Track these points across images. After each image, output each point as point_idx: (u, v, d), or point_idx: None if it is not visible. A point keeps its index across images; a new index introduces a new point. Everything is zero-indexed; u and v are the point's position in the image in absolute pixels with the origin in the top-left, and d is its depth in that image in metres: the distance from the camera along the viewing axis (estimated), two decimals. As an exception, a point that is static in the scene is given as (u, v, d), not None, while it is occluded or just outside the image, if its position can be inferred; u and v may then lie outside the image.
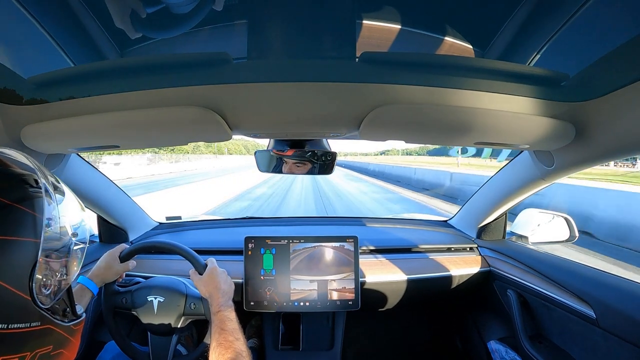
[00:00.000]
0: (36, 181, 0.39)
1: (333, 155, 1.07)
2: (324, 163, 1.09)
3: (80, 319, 0.49)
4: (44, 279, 0.39)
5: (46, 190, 0.40)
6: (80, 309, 0.52)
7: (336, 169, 1.14)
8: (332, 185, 17.17)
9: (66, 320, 0.44)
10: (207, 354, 0.86)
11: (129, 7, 0.46)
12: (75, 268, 0.46)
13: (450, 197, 11.85)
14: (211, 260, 0.98)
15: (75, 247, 0.45)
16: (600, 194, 6.62)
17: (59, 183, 0.47)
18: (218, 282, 0.92)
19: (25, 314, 0.37)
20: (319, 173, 1.12)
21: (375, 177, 23.21)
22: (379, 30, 0.54)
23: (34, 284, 0.37)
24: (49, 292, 0.40)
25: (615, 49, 0.51)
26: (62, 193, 0.46)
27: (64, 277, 0.43)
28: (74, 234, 0.44)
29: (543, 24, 0.50)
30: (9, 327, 0.35)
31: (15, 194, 0.37)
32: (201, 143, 0.89)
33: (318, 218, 1.91)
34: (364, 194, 13.96)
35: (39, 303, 0.38)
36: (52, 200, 0.41)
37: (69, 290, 0.47)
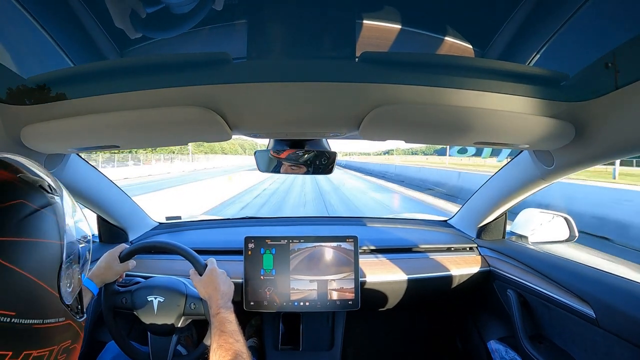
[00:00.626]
0: (50, 187, 0.42)
1: (333, 155, 1.07)
2: (323, 163, 1.09)
3: (85, 316, 0.52)
4: (67, 278, 0.42)
5: (59, 196, 0.43)
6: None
7: (335, 169, 1.14)
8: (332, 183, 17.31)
9: (78, 317, 0.47)
10: (207, 355, 0.86)
11: (129, 7, 0.46)
12: (86, 267, 0.49)
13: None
14: (211, 261, 0.98)
15: (83, 247, 0.48)
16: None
17: (59, 186, 0.49)
18: (217, 283, 0.91)
19: (56, 310, 0.40)
20: (319, 173, 1.12)
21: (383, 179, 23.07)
22: (378, 30, 0.54)
23: (61, 283, 0.41)
24: (70, 289, 0.43)
25: (615, 49, 0.51)
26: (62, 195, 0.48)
27: (78, 276, 0.46)
28: (85, 235, 0.48)
29: (543, 24, 0.50)
30: (44, 322, 0.38)
31: (40, 200, 0.40)
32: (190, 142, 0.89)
33: (318, 218, 1.91)
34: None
35: (64, 300, 0.42)
36: (69, 204, 0.45)
37: (80, 290, 0.51)
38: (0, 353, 0.34)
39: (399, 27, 0.54)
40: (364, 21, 0.52)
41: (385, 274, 1.35)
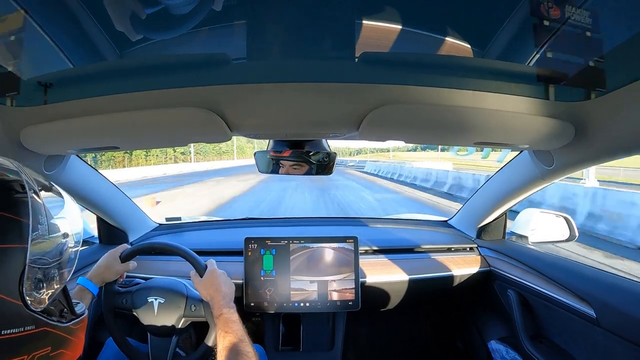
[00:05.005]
0: (22, 186, 0.39)
1: (332, 155, 1.07)
2: (323, 164, 1.09)
3: (81, 318, 0.49)
4: (35, 283, 0.39)
5: (34, 194, 0.40)
6: (81, 307, 0.52)
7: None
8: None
9: (64, 321, 0.44)
10: (208, 356, 0.86)
11: (129, 9, 0.46)
12: (69, 269, 0.45)
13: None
14: (211, 262, 0.98)
15: (68, 248, 0.45)
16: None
17: (52, 185, 0.47)
18: (218, 284, 0.91)
19: (18, 319, 0.37)
20: (319, 174, 1.12)
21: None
22: (378, 31, 0.54)
23: (24, 289, 0.37)
24: (41, 295, 0.40)
25: (614, 49, 0.51)
26: (58, 194, 0.47)
27: (56, 279, 0.42)
28: (65, 235, 0.44)
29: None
30: (2, 333, 0.35)
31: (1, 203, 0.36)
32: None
33: (318, 218, 1.91)
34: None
35: (31, 307, 0.38)
36: (40, 203, 0.40)
37: (65, 291, 0.47)
38: None
39: (398, 27, 0.54)
40: (363, 21, 0.52)
41: (385, 274, 1.34)
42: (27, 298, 0.38)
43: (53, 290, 0.42)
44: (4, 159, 0.41)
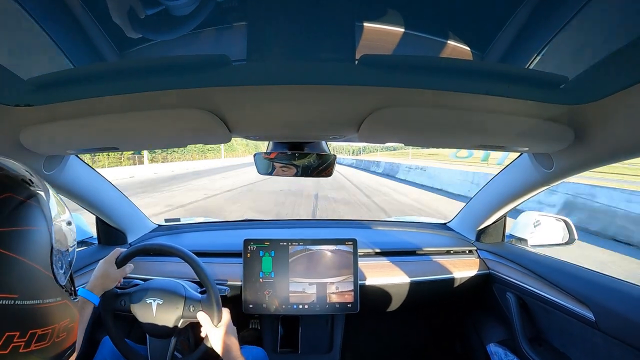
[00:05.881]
0: (31, 181, 0.45)
1: (332, 157, 1.07)
2: (323, 166, 1.09)
3: (78, 298, 0.55)
4: (59, 260, 0.46)
5: (40, 188, 0.46)
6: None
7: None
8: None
9: (72, 297, 0.50)
10: (206, 357, 0.86)
11: (128, 9, 0.46)
12: (73, 249, 0.52)
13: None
14: (226, 310, 0.95)
15: (69, 229, 0.52)
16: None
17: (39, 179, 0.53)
18: (234, 331, 0.92)
19: (52, 290, 0.43)
20: (318, 176, 1.12)
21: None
22: (378, 33, 0.54)
23: (54, 264, 0.44)
24: (63, 271, 0.47)
25: (614, 52, 0.51)
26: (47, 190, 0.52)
27: (67, 260, 0.49)
28: (69, 222, 0.52)
29: (542, 26, 0.50)
30: (43, 302, 0.41)
31: (25, 192, 0.43)
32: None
33: (317, 220, 1.91)
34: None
35: (59, 281, 0.45)
36: (45, 196, 0.47)
37: (71, 274, 0.53)
38: (8, 334, 0.37)
39: (398, 29, 0.54)
40: (364, 24, 0.52)
41: (384, 276, 1.34)
42: (56, 272, 0.44)
43: (67, 268, 0.49)
44: (6, 159, 0.46)
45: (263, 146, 1.15)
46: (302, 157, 1.08)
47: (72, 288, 0.52)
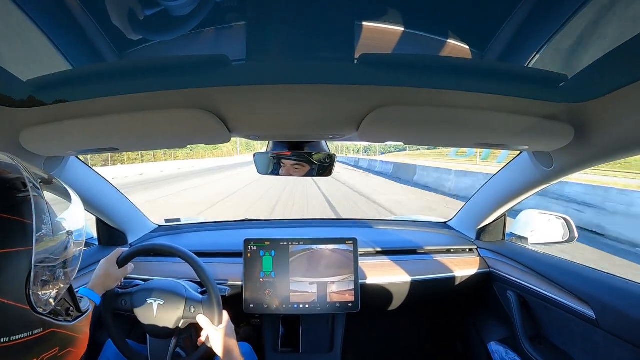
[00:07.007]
0: (24, 184, 0.37)
1: (332, 157, 1.07)
2: (323, 165, 1.09)
3: (86, 314, 0.48)
4: (42, 284, 0.38)
5: (36, 192, 0.38)
6: (85, 303, 0.51)
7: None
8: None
9: (70, 320, 0.43)
10: (207, 357, 0.86)
11: (128, 10, 0.46)
12: (74, 267, 0.44)
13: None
14: (225, 313, 0.95)
15: (73, 245, 0.43)
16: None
17: (54, 179, 0.46)
18: (234, 335, 0.91)
19: (27, 323, 0.36)
20: (318, 175, 1.12)
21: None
22: (377, 32, 0.54)
23: (31, 292, 0.36)
24: (47, 297, 0.39)
25: (614, 50, 0.51)
26: (57, 189, 0.45)
27: (62, 278, 0.41)
28: (70, 232, 0.43)
29: (542, 24, 0.50)
30: (11, 339, 0.34)
31: (0, 204, 0.35)
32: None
33: (317, 220, 1.91)
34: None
35: (38, 310, 0.37)
36: (43, 201, 0.39)
37: (71, 289, 0.46)
38: None
39: (397, 28, 0.54)
40: (363, 23, 0.52)
41: (384, 276, 1.34)
42: (34, 301, 0.37)
43: (59, 290, 0.41)
44: (2, 154, 0.40)
45: (255, 145, 1.14)
46: (302, 156, 1.07)
47: (72, 307, 0.45)
